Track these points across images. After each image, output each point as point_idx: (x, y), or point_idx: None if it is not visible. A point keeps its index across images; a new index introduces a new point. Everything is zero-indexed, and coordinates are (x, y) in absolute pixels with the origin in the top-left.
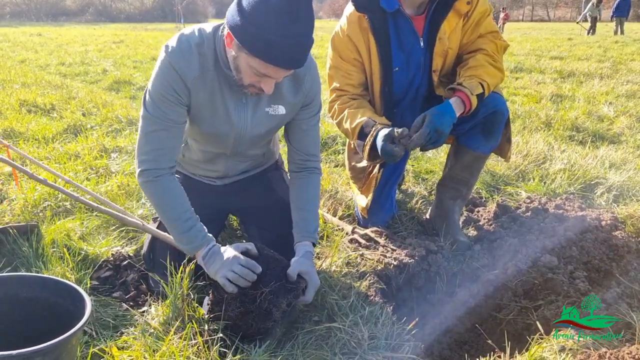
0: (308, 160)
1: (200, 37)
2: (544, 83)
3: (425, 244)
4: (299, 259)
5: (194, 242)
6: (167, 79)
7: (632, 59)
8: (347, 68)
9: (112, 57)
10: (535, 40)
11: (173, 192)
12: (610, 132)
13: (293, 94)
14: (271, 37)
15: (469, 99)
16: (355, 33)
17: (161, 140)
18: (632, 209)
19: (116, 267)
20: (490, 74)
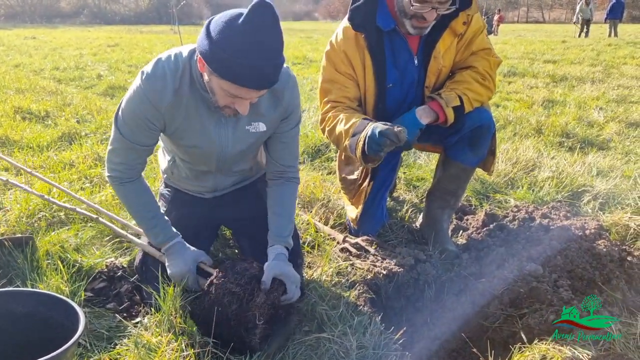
0: (286, 171)
1: (175, 63)
2: (537, 87)
3: (415, 253)
4: (271, 262)
5: (158, 238)
6: (139, 107)
7: (624, 63)
8: (343, 81)
9: (106, 61)
10: (530, 42)
11: (137, 195)
12: (600, 138)
13: (272, 109)
14: (239, 60)
15: (442, 109)
16: (351, 49)
17: (129, 158)
18: (617, 217)
19: (110, 278)
20: (473, 90)
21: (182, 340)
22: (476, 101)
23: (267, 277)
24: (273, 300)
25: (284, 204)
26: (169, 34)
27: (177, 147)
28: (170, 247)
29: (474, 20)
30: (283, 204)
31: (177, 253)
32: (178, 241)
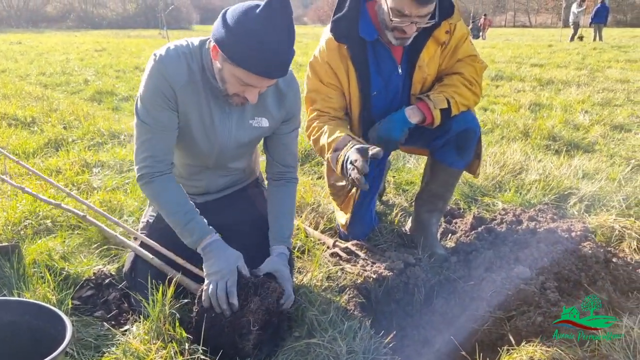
0: (286, 171)
1: (187, 48)
2: (524, 91)
3: (404, 256)
4: (272, 258)
5: (193, 235)
6: (156, 85)
7: (609, 66)
8: (327, 92)
9: (93, 66)
10: (517, 46)
11: (168, 190)
12: (585, 141)
13: (276, 108)
14: (254, 47)
15: (429, 110)
16: (334, 60)
17: (155, 148)
18: (602, 219)
19: (98, 286)
20: (460, 94)
21: (171, 348)
22: (463, 105)
23: (262, 269)
24: (267, 306)
25: (284, 204)
26: (158, 38)
27: (181, 137)
28: (209, 245)
29: (457, 28)
30: (284, 204)
31: (218, 250)
32: (217, 238)
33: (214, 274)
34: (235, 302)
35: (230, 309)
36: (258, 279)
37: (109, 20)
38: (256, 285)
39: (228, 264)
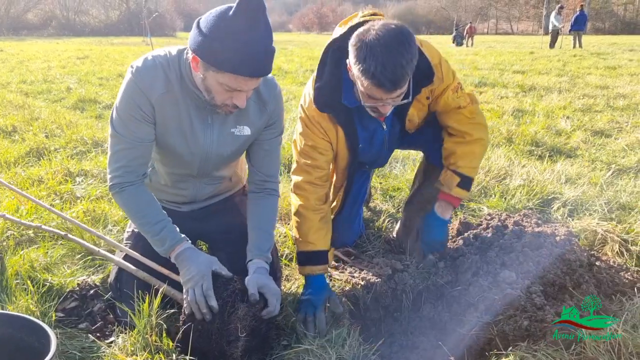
0: (267, 181)
1: (165, 58)
2: (507, 97)
3: (392, 262)
4: (252, 275)
5: (165, 244)
6: (133, 98)
7: (589, 73)
8: (313, 153)
9: (76, 73)
10: (499, 53)
11: (140, 200)
12: (567, 147)
13: (258, 115)
14: (235, 49)
15: (450, 195)
16: (324, 122)
17: (128, 159)
18: (585, 223)
19: (82, 297)
20: (462, 155)
21: (158, 359)
22: (472, 160)
23: (253, 289)
24: (255, 312)
25: (264, 218)
26: (142, 45)
27: (162, 148)
28: (180, 254)
29: (439, 87)
30: (263, 218)
31: (189, 259)
32: (188, 247)
33: (189, 281)
34: (214, 305)
35: (211, 312)
36: (245, 285)
37: (91, 27)
38: (243, 291)
39: (200, 269)
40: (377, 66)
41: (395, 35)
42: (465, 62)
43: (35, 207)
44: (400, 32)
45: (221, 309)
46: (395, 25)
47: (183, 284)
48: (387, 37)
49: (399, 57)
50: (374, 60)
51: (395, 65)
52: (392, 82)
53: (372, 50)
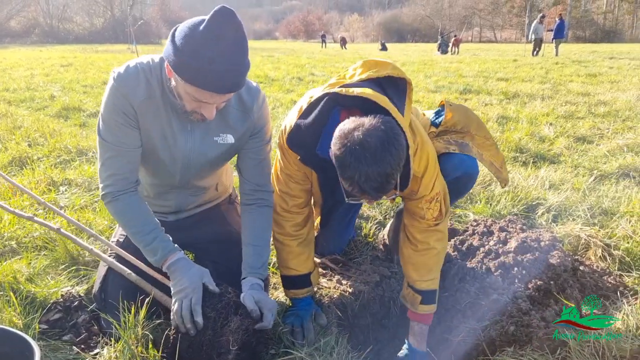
0: (258, 190)
1: (148, 65)
2: (491, 104)
3: (380, 269)
4: (248, 291)
5: (157, 254)
6: (115, 103)
7: (571, 80)
8: (288, 184)
9: (60, 81)
10: (483, 61)
11: (133, 208)
12: (551, 153)
13: (241, 123)
14: (201, 64)
15: (417, 314)
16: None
17: (118, 166)
18: (569, 228)
19: (66, 309)
20: (417, 267)
21: None
22: (428, 273)
23: (252, 304)
24: (247, 326)
25: (256, 233)
26: (127, 53)
27: (143, 154)
28: (173, 264)
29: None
30: (256, 233)
31: (182, 268)
32: (181, 257)
33: (179, 292)
34: (199, 321)
35: (195, 327)
36: (239, 298)
37: (75, 35)
38: (237, 304)
39: (192, 282)
40: (361, 176)
41: (382, 142)
42: (450, 70)
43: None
44: (387, 135)
45: (214, 320)
46: (384, 127)
47: (173, 295)
48: (373, 144)
49: (385, 166)
50: (357, 169)
51: (380, 175)
52: (377, 190)
53: (356, 157)
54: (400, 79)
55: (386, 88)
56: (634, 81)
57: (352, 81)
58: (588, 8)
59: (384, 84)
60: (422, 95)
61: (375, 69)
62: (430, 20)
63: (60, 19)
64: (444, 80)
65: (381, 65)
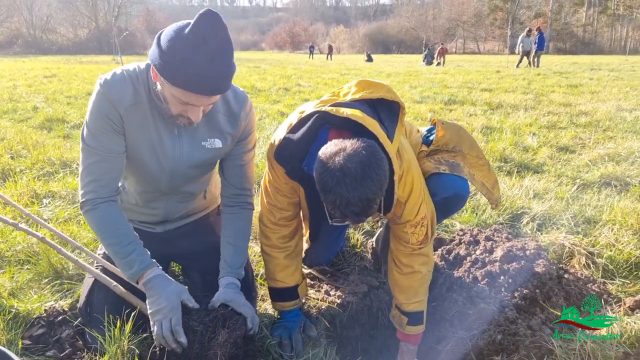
0: (240, 194)
1: (134, 71)
2: (475, 115)
3: (368, 280)
4: (221, 290)
5: (133, 269)
6: (101, 109)
7: (553, 91)
8: (276, 197)
9: (43, 92)
10: (467, 72)
11: (111, 219)
12: (534, 162)
13: (229, 129)
14: (186, 67)
15: (405, 334)
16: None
17: (100, 172)
18: (553, 237)
19: (50, 324)
20: (404, 290)
21: None
22: (415, 296)
23: (214, 301)
24: (235, 338)
25: (237, 234)
26: (112, 64)
27: (131, 162)
28: (149, 281)
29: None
30: (237, 234)
31: (159, 286)
32: (158, 273)
33: (156, 313)
34: (183, 341)
35: (181, 346)
36: (227, 311)
37: (59, 45)
38: (225, 317)
39: (170, 301)
40: (342, 201)
41: (362, 167)
42: (435, 81)
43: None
44: (369, 160)
45: (202, 334)
46: (365, 152)
47: (150, 315)
48: (354, 169)
49: (366, 191)
50: (338, 194)
51: (361, 200)
52: (358, 215)
53: (337, 182)
54: (394, 102)
55: (379, 110)
56: (614, 92)
57: (345, 100)
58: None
59: (377, 105)
60: (408, 105)
61: (370, 89)
62: (415, 32)
63: (43, 30)
64: (429, 91)
65: (375, 87)
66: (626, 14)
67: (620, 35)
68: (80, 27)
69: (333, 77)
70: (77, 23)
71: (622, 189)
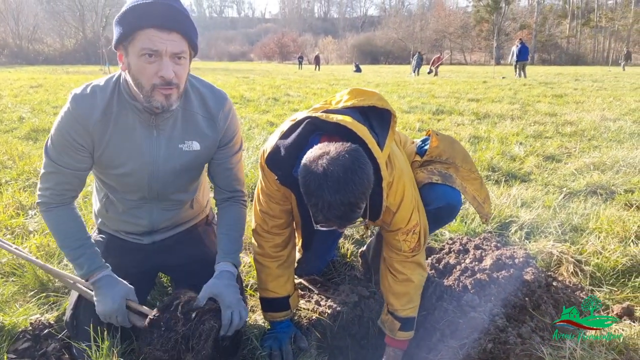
0: (232, 196)
1: (105, 82)
2: (463, 124)
3: (358, 289)
4: (211, 280)
5: (83, 270)
6: (67, 127)
7: (538, 101)
8: (269, 206)
9: (29, 102)
10: (454, 83)
11: (64, 221)
12: (522, 171)
13: (208, 130)
14: (136, 8)
15: (395, 340)
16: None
17: (55, 183)
18: (541, 245)
19: (35, 337)
20: (398, 296)
21: None
22: (409, 302)
23: (202, 296)
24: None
25: (231, 223)
26: (99, 74)
27: (109, 171)
28: (97, 281)
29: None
30: (230, 223)
31: (105, 287)
32: (106, 274)
33: (101, 314)
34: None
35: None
36: (189, 328)
37: (45, 55)
38: (186, 337)
39: (113, 302)
40: (324, 204)
41: (345, 171)
42: (423, 91)
43: None
44: (352, 164)
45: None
46: (348, 156)
47: (98, 313)
48: (336, 172)
49: (347, 195)
50: (320, 198)
51: (343, 204)
52: (340, 219)
53: (319, 186)
54: (386, 110)
55: (371, 118)
56: (597, 102)
57: (337, 107)
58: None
59: (369, 113)
60: (397, 115)
61: (361, 97)
62: (402, 43)
63: (30, 40)
64: (417, 101)
65: (367, 95)
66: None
67: (603, 47)
68: (67, 37)
69: (322, 87)
70: (64, 33)
71: (607, 197)
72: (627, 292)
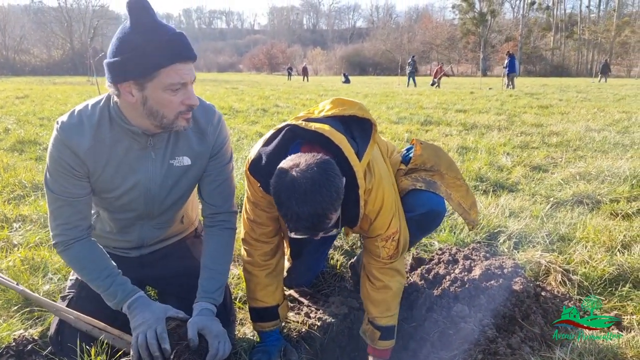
0: (219, 212)
1: (92, 109)
2: (451, 135)
3: (348, 301)
4: (194, 317)
5: (116, 298)
6: (60, 155)
7: (525, 112)
8: (255, 213)
9: (14, 113)
10: (442, 93)
11: (86, 255)
12: (509, 182)
13: (197, 144)
14: (153, 45)
15: (376, 349)
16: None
17: (67, 215)
18: (529, 255)
19: (19, 354)
20: (376, 303)
21: None
22: (387, 309)
23: (192, 333)
24: None
25: (214, 256)
26: (86, 85)
27: (104, 195)
28: (132, 303)
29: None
30: (214, 256)
31: (142, 305)
32: (141, 295)
33: (140, 325)
34: (167, 347)
35: (163, 355)
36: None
37: (32, 66)
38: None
39: (154, 314)
40: (293, 215)
41: (312, 183)
42: (411, 102)
43: None
44: (320, 176)
45: None
46: (317, 168)
47: (133, 330)
48: (304, 185)
49: (315, 206)
50: (289, 208)
51: (311, 215)
52: (310, 230)
53: (288, 197)
54: (366, 120)
55: (352, 127)
56: (582, 113)
57: (318, 116)
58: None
59: (351, 122)
60: (385, 126)
61: (343, 107)
62: (390, 55)
63: (16, 51)
64: (405, 112)
65: (348, 105)
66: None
67: (587, 59)
68: (54, 48)
69: (311, 97)
70: (52, 44)
71: (593, 206)
72: (614, 302)
